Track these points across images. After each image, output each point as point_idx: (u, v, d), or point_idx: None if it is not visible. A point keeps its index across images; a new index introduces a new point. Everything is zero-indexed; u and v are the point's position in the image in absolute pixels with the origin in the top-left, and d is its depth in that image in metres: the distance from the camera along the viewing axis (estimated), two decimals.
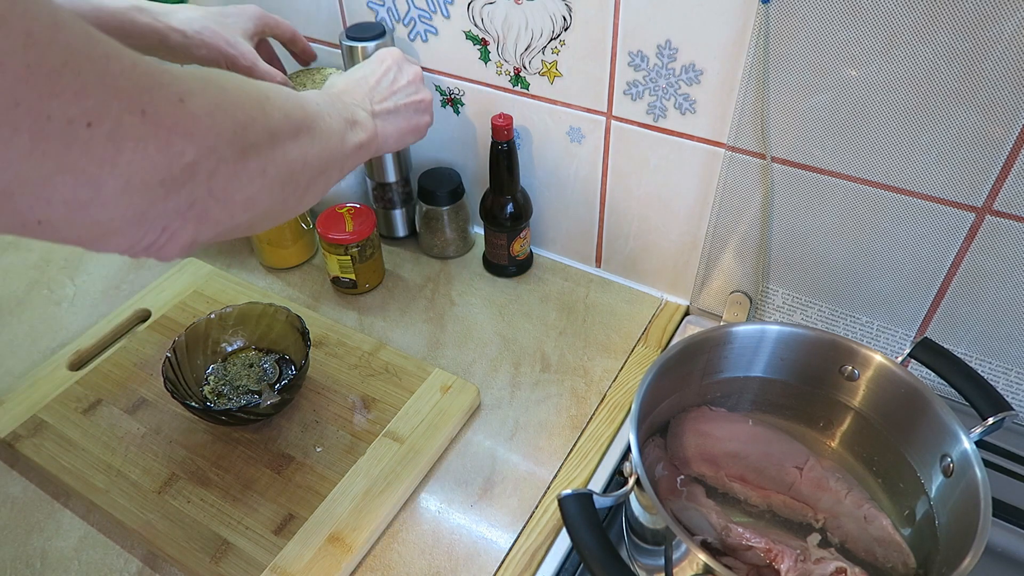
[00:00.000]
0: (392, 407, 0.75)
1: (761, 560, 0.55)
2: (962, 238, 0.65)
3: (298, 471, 0.69)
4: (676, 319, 0.87)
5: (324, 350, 0.81)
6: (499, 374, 0.80)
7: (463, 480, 0.70)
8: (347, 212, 0.87)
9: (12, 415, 0.74)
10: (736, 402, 0.67)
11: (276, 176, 0.44)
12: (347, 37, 0.82)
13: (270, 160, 0.43)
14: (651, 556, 0.57)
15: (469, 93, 0.87)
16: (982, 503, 0.50)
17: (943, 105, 0.59)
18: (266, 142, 0.43)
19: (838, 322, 0.78)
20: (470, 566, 0.63)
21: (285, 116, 0.46)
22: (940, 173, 0.63)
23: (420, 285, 0.92)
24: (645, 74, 0.73)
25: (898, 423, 0.61)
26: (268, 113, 0.44)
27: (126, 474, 0.69)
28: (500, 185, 0.85)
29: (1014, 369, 0.70)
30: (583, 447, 0.73)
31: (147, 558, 0.65)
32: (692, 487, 0.61)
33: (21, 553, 0.65)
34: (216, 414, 0.70)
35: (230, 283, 0.90)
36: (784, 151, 0.69)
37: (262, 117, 0.43)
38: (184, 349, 0.75)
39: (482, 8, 0.78)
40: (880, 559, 0.56)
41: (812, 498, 0.60)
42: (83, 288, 0.93)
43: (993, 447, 0.69)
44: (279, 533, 0.64)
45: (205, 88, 0.38)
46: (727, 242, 0.79)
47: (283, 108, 0.46)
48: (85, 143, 0.30)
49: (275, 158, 0.44)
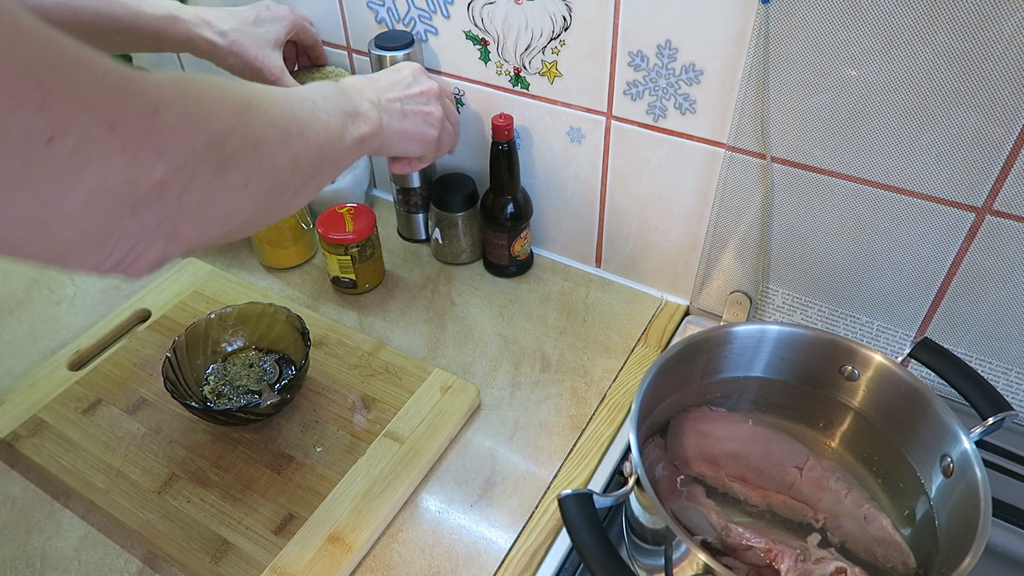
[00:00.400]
0: (392, 407, 0.75)
1: (761, 560, 0.55)
2: (962, 238, 0.65)
3: (298, 471, 0.69)
4: (676, 319, 0.87)
5: (324, 350, 0.81)
6: (499, 374, 0.80)
7: (463, 480, 0.70)
8: (347, 212, 0.87)
9: (12, 415, 0.74)
10: (736, 402, 0.67)
11: (259, 187, 0.43)
12: (376, 46, 0.81)
13: (253, 171, 0.42)
14: (651, 556, 0.57)
15: (469, 93, 0.87)
16: (982, 503, 0.50)
17: (943, 105, 0.59)
18: (247, 153, 0.41)
19: (838, 322, 0.78)
20: (470, 566, 0.63)
21: (269, 123, 0.44)
22: (940, 173, 0.63)
23: (420, 285, 0.92)
24: (645, 74, 0.73)
25: (898, 423, 0.61)
26: (249, 122, 0.42)
27: (126, 474, 0.69)
28: (500, 185, 0.85)
29: (1014, 369, 0.70)
30: (583, 447, 0.73)
31: (147, 558, 0.65)
32: (692, 487, 0.61)
33: (21, 553, 0.65)
34: (216, 414, 0.70)
35: (230, 283, 0.90)
36: (784, 151, 0.69)
37: (242, 127, 0.41)
38: (184, 349, 0.75)
39: (482, 8, 0.78)
40: (880, 559, 0.56)
41: (812, 498, 0.60)
42: (83, 288, 0.93)
43: (993, 447, 0.69)
44: (279, 533, 0.64)
45: (181, 98, 0.36)
46: (727, 242, 0.79)
47: (267, 114, 0.44)
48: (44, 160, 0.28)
49: (259, 168, 0.42)
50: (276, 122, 0.45)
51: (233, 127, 0.40)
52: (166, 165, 0.34)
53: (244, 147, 0.41)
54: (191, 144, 0.36)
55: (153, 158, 0.33)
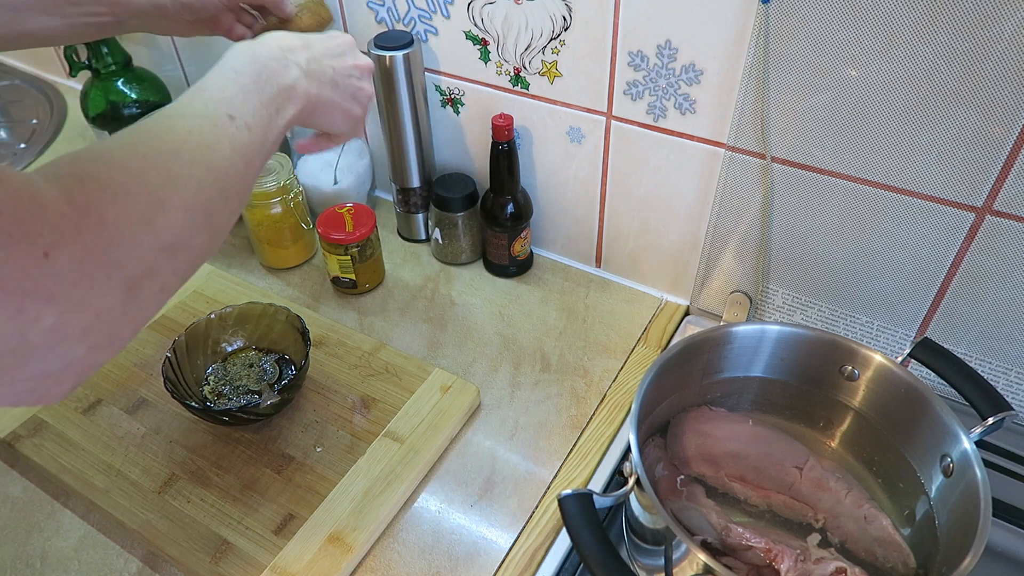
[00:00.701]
0: (392, 407, 0.75)
1: (761, 560, 0.55)
2: (962, 238, 0.65)
3: (298, 471, 0.69)
4: (676, 319, 0.87)
5: (324, 350, 0.81)
6: (499, 374, 0.80)
7: (463, 480, 0.70)
8: (347, 212, 0.87)
9: (12, 415, 0.74)
10: (736, 402, 0.67)
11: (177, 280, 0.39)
12: (375, 46, 0.81)
13: (170, 272, 0.37)
14: (651, 556, 0.57)
15: (469, 93, 0.87)
16: (982, 503, 0.50)
17: (943, 105, 0.59)
18: (161, 260, 0.36)
19: (838, 322, 0.78)
20: (470, 566, 0.63)
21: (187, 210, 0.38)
22: (940, 173, 0.63)
23: (420, 285, 0.92)
24: (645, 74, 0.73)
25: (898, 423, 0.61)
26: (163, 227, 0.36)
27: (126, 474, 0.69)
28: (500, 185, 0.85)
29: (1014, 369, 0.70)
30: (583, 447, 0.73)
31: (147, 558, 0.65)
32: (692, 487, 0.61)
33: (21, 553, 0.65)
34: (216, 414, 0.70)
35: (230, 283, 0.90)
36: (784, 151, 0.69)
37: (151, 238, 0.35)
38: (184, 349, 0.75)
39: (482, 8, 0.78)
40: (880, 559, 0.56)
41: (812, 498, 0.60)
42: None
43: (993, 447, 0.69)
44: (279, 533, 0.64)
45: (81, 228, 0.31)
46: (727, 242, 0.79)
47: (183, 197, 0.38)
48: None
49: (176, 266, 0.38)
50: (196, 202, 0.39)
51: (140, 244, 0.34)
52: (59, 310, 0.30)
53: (157, 258, 0.36)
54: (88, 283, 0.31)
55: (42, 305, 0.29)
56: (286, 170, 0.89)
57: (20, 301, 0.28)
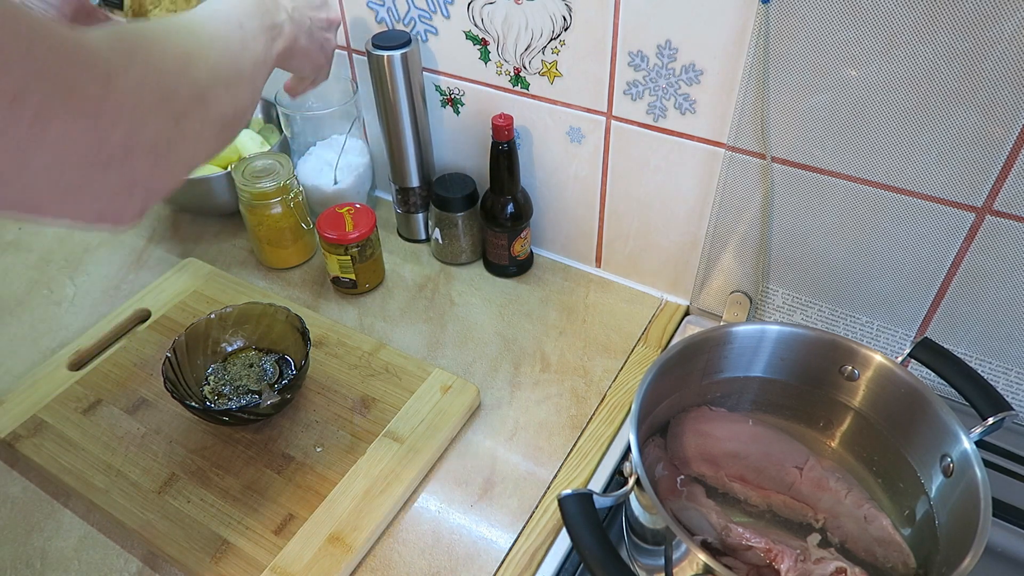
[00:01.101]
0: (392, 407, 0.75)
1: (761, 560, 0.55)
2: (962, 238, 0.65)
3: (298, 471, 0.69)
4: (676, 319, 0.87)
5: (324, 350, 0.81)
6: (499, 374, 0.80)
7: (463, 480, 0.70)
8: (347, 212, 0.87)
9: (12, 415, 0.74)
10: (736, 402, 0.67)
11: (211, 132, 0.45)
12: (374, 46, 0.81)
13: (204, 120, 0.44)
14: (651, 556, 0.57)
15: (469, 93, 0.87)
16: (982, 503, 0.50)
17: (943, 105, 0.59)
18: (196, 105, 0.43)
19: (838, 322, 0.78)
20: (470, 566, 0.63)
21: (211, 73, 0.45)
22: (940, 173, 0.63)
23: (420, 285, 0.92)
24: (645, 74, 0.73)
25: (898, 423, 0.61)
26: (194, 78, 0.43)
27: (126, 474, 0.69)
28: (500, 185, 0.85)
29: (1014, 369, 0.70)
30: (583, 447, 0.73)
31: (147, 558, 0.65)
32: (692, 487, 0.61)
33: (21, 553, 0.65)
34: (216, 414, 0.70)
35: (230, 283, 0.90)
36: (784, 151, 0.69)
37: (188, 84, 0.42)
38: (184, 349, 0.75)
39: (482, 8, 0.78)
40: (880, 559, 0.56)
41: (812, 498, 0.60)
42: (83, 288, 0.93)
43: (993, 447, 0.69)
44: (279, 533, 0.64)
45: (130, 65, 0.37)
46: (727, 242, 0.79)
47: (208, 62, 0.45)
48: (7, 118, 0.30)
49: (208, 116, 0.44)
50: (218, 70, 0.46)
51: (180, 84, 0.41)
52: (124, 130, 0.36)
53: (192, 102, 0.43)
54: (144, 108, 0.38)
55: (111, 124, 0.35)
56: (286, 170, 0.89)
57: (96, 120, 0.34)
